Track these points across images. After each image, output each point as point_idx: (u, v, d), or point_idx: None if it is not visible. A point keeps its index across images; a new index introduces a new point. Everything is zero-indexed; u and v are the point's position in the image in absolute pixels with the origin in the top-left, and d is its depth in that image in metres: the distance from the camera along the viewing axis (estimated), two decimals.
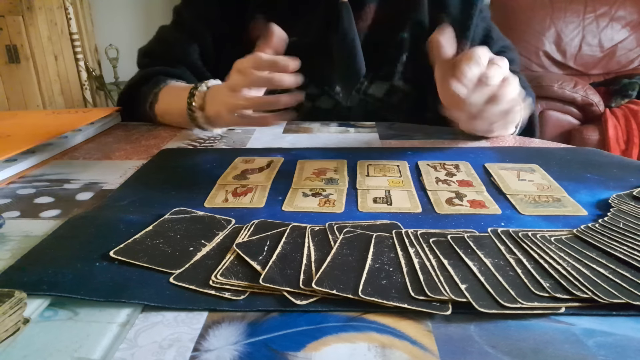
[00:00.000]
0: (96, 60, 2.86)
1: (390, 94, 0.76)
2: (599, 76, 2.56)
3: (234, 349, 0.27)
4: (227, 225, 0.41)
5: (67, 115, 0.82)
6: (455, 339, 0.28)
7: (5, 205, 0.48)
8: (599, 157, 0.59)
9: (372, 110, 0.79)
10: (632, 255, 0.34)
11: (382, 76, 0.75)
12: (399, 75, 0.75)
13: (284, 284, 0.32)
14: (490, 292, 0.31)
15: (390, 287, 0.32)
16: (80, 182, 0.54)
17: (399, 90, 0.76)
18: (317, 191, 0.49)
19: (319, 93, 0.79)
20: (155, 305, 0.31)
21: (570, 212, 0.43)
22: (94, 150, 0.67)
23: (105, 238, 0.39)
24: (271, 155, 0.60)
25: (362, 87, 0.77)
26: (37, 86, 2.34)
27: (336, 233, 0.39)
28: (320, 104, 0.80)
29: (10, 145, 0.61)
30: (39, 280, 0.33)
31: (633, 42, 2.56)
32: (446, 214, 0.43)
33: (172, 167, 0.58)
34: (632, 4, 2.56)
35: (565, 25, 2.54)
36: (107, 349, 0.28)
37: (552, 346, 0.27)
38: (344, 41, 0.71)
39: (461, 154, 0.60)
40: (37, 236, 0.40)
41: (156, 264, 0.35)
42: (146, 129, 0.77)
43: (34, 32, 2.29)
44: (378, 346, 0.27)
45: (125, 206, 0.46)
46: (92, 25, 2.84)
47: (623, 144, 2.06)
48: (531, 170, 0.54)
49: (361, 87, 0.77)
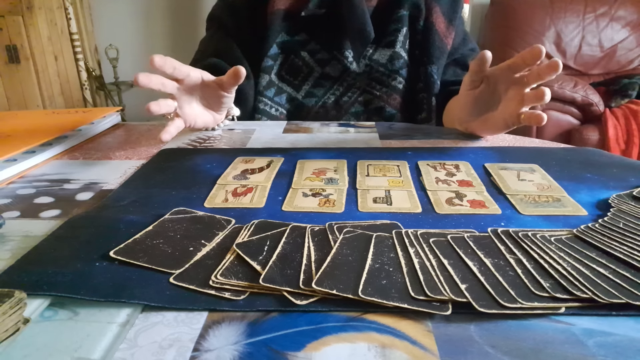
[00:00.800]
0: (96, 60, 2.86)
1: (392, 60, 0.85)
2: (599, 76, 2.56)
3: (234, 349, 0.27)
4: (227, 225, 0.41)
5: (67, 115, 0.82)
6: (455, 339, 0.28)
7: (5, 205, 0.48)
8: (599, 157, 0.59)
9: (375, 77, 0.86)
10: (632, 255, 0.34)
11: (385, 44, 0.85)
12: (400, 44, 0.85)
13: (284, 284, 0.32)
14: (490, 292, 0.31)
15: (390, 287, 0.32)
16: (80, 182, 0.54)
17: (400, 57, 0.85)
18: (317, 191, 0.49)
19: (329, 58, 0.87)
20: (155, 305, 0.31)
21: (570, 212, 0.43)
22: (94, 150, 0.67)
23: (105, 238, 0.39)
24: (271, 155, 0.60)
25: (368, 53, 0.86)
26: (37, 86, 2.34)
27: (336, 233, 0.39)
28: (330, 71, 0.87)
29: (10, 145, 0.61)
30: (39, 280, 0.33)
31: (633, 42, 2.55)
32: (446, 214, 0.43)
33: (172, 167, 0.58)
34: (632, 4, 2.55)
35: (565, 25, 2.54)
36: (107, 349, 0.28)
37: (552, 346, 0.27)
38: (355, 12, 0.81)
39: (461, 154, 0.60)
40: (37, 236, 0.40)
41: (156, 264, 0.35)
42: (146, 129, 0.77)
43: (34, 32, 2.29)
44: (378, 346, 0.27)
45: (125, 206, 0.46)
46: (92, 25, 2.84)
47: (623, 144, 2.06)
48: (531, 170, 0.54)
49: (367, 54, 0.86)
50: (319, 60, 0.87)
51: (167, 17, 2.86)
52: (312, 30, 0.86)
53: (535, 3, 2.54)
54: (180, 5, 2.78)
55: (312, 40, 0.86)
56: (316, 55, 0.86)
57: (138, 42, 2.90)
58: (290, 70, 0.87)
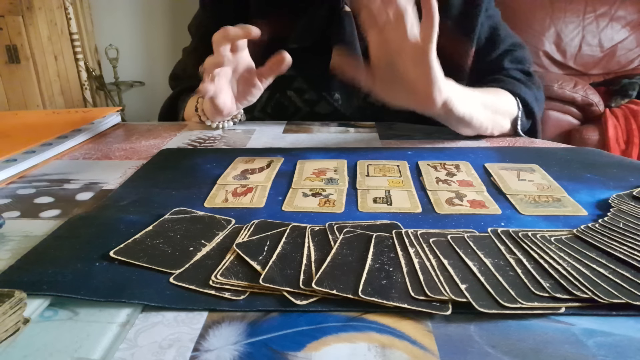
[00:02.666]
0: (96, 60, 2.86)
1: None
2: (599, 76, 2.56)
3: (234, 349, 0.27)
4: (227, 225, 0.41)
5: (67, 115, 0.82)
6: (455, 339, 0.28)
7: (5, 205, 0.48)
8: (599, 157, 0.59)
9: (370, 115, 0.78)
10: (632, 255, 0.34)
11: None
12: None
13: (284, 284, 0.32)
14: (490, 292, 0.31)
15: (390, 287, 0.32)
16: (80, 182, 0.54)
17: None
18: (317, 191, 0.49)
19: (317, 99, 0.79)
20: (155, 305, 0.31)
21: (570, 212, 0.43)
22: (94, 150, 0.67)
23: (105, 238, 0.39)
24: (271, 155, 0.60)
25: (361, 94, 0.76)
26: (37, 86, 2.34)
27: (336, 233, 0.39)
28: (319, 110, 0.80)
29: (10, 145, 0.61)
30: (39, 280, 0.33)
31: (633, 42, 2.55)
32: (446, 214, 0.43)
33: (172, 167, 0.58)
34: (632, 4, 2.55)
35: (565, 25, 2.54)
36: (107, 349, 0.28)
37: (552, 346, 0.27)
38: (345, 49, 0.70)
39: (461, 154, 0.60)
40: (37, 236, 0.40)
41: (156, 264, 0.35)
42: (146, 129, 0.77)
43: (34, 32, 2.29)
44: (378, 346, 0.27)
45: (125, 206, 0.46)
46: (92, 25, 2.84)
47: (623, 144, 2.06)
48: (531, 170, 0.54)
49: (360, 95, 0.77)
50: (307, 101, 0.78)
51: (167, 17, 2.86)
52: (299, 65, 0.67)
53: (535, 3, 2.54)
54: (180, 5, 2.78)
55: (299, 76, 0.77)
56: (304, 95, 0.78)
57: (138, 42, 2.90)
58: (276, 108, 0.80)
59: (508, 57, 0.75)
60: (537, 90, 0.74)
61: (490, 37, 0.75)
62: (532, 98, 0.71)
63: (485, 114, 0.64)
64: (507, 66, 0.75)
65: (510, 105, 0.69)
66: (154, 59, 2.92)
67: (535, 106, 0.71)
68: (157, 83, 2.87)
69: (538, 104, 0.73)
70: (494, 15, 0.77)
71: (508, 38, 0.77)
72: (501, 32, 0.76)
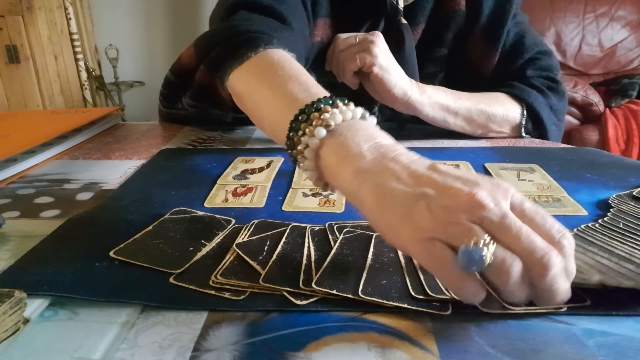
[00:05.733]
0: (96, 60, 2.86)
1: None
2: (599, 76, 2.56)
3: (234, 349, 0.27)
4: (227, 225, 0.41)
5: (67, 115, 0.82)
6: (455, 339, 0.28)
7: (5, 205, 0.48)
8: (599, 157, 0.59)
9: (398, 121, 0.75)
10: (632, 255, 0.34)
11: None
12: None
13: (284, 284, 0.32)
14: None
15: (390, 287, 0.32)
16: (80, 182, 0.54)
17: None
18: (317, 191, 0.49)
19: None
20: (155, 305, 0.31)
21: (570, 212, 0.43)
22: (94, 150, 0.67)
23: (105, 238, 0.39)
24: (271, 155, 0.60)
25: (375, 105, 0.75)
26: (37, 86, 2.34)
27: (336, 233, 0.39)
28: None
29: (10, 145, 0.61)
30: (39, 280, 0.33)
31: (633, 42, 2.55)
32: None
33: (172, 167, 0.58)
34: (632, 4, 2.55)
35: (565, 25, 2.54)
36: (107, 349, 0.28)
37: (552, 346, 0.27)
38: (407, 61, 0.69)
39: (461, 154, 0.60)
40: (37, 236, 0.40)
41: (156, 264, 0.35)
42: (146, 129, 0.77)
43: (34, 32, 2.29)
44: (378, 346, 0.27)
45: (125, 206, 0.46)
46: (92, 25, 2.84)
47: (623, 144, 2.06)
48: (531, 170, 0.53)
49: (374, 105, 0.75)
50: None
51: (167, 17, 2.86)
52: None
53: (535, 3, 2.54)
54: (180, 5, 2.78)
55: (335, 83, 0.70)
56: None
57: (138, 42, 2.90)
58: None
59: (532, 65, 0.73)
60: (557, 98, 0.72)
61: (515, 45, 0.73)
62: (544, 105, 0.70)
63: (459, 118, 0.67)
64: (530, 74, 0.72)
65: (507, 111, 0.69)
66: (154, 59, 2.92)
67: (544, 113, 0.70)
68: (157, 83, 2.85)
69: (553, 111, 0.72)
70: (521, 23, 0.75)
71: (534, 46, 0.74)
72: (526, 40, 0.74)
